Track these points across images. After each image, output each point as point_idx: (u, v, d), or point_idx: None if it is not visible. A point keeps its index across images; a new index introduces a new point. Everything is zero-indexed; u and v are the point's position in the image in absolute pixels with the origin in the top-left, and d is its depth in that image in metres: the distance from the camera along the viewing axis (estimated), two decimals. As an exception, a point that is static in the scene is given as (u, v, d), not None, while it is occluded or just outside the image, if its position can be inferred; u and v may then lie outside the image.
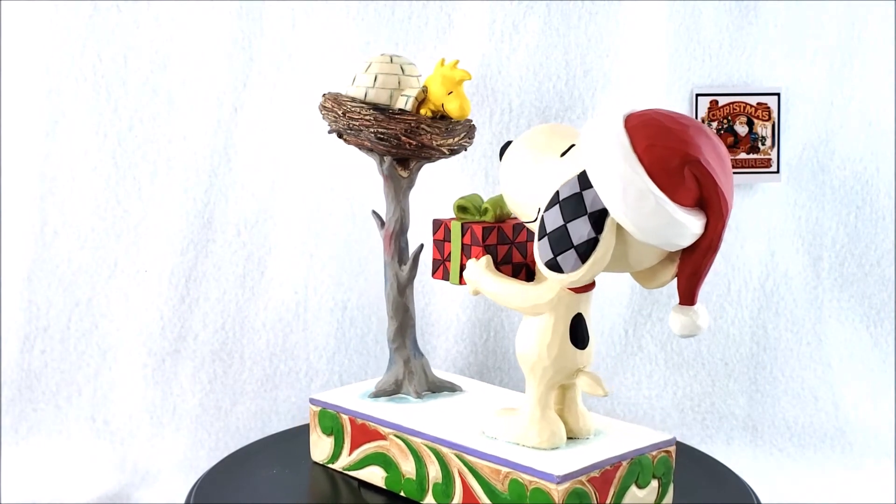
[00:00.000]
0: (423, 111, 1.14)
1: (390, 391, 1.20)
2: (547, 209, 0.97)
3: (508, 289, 1.04)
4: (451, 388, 1.21)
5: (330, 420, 1.19)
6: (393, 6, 1.53)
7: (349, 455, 1.17)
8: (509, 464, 1.02)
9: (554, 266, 0.97)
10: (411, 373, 1.20)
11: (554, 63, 1.54)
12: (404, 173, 1.17)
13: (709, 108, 1.57)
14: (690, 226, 0.95)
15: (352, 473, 1.17)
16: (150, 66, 1.51)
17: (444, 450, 1.07)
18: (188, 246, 1.52)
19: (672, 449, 1.08)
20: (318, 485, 1.19)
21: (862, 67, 1.58)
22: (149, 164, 1.52)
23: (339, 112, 1.15)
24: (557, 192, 0.97)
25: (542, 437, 1.04)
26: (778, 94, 1.57)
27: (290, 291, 1.54)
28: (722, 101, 1.57)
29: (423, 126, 1.13)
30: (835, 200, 1.61)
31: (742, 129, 1.58)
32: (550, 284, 1.02)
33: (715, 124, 1.57)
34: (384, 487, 1.14)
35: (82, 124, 1.51)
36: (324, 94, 1.19)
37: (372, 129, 1.13)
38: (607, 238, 0.96)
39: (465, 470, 1.06)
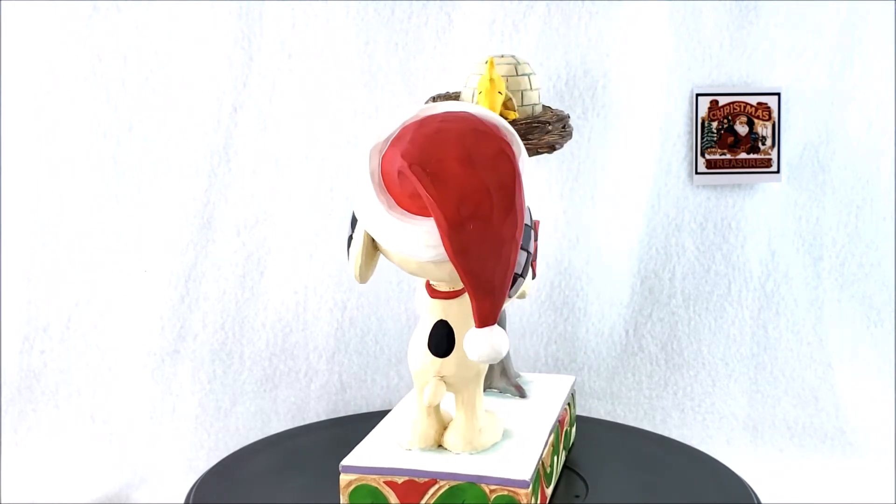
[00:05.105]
0: None
1: None
2: None
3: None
4: (516, 394, 1.21)
5: None
6: (393, 6, 1.53)
7: None
8: None
9: None
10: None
11: (554, 63, 1.54)
12: None
13: (709, 108, 1.57)
14: (407, 234, 0.93)
15: None
16: (150, 66, 1.51)
17: None
18: (188, 246, 1.52)
19: (524, 492, 0.99)
20: (318, 485, 1.19)
21: (862, 67, 1.58)
22: (149, 164, 1.52)
23: None
24: None
25: (405, 436, 1.04)
26: (778, 94, 1.57)
27: (290, 291, 1.54)
28: (722, 100, 1.57)
29: None
30: (835, 200, 1.61)
31: (742, 129, 1.58)
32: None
33: (715, 124, 1.57)
34: None
35: (82, 124, 1.51)
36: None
37: None
38: (357, 237, 0.97)
39: None
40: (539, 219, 1.18)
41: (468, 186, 0.92)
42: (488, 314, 0.93)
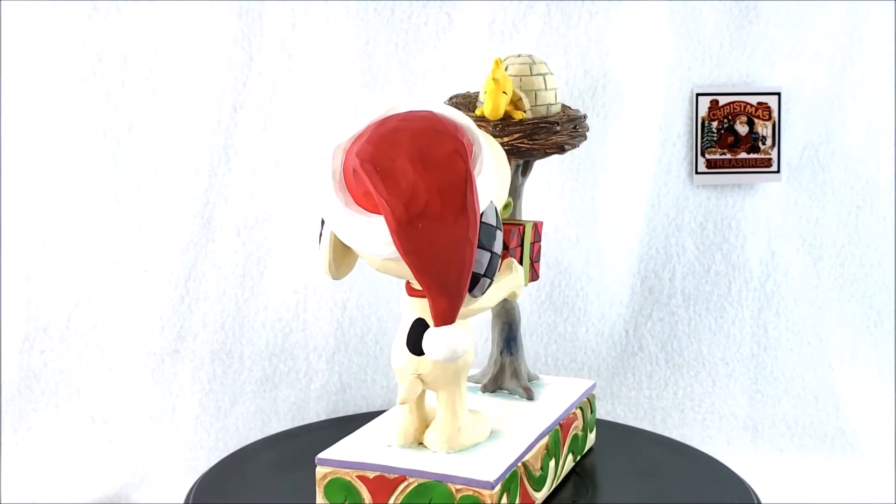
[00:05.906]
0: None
1: (475, 380, 1.25)
2: None
3: None
4: (523, 396, 1.22)
5: None
6: (393, 6, 1.53)
7: None
8: None
9: None
10: (495, 368, 1.23)
11: (554, 63, 1.54)
12: None
13: (709, 108, 1.57)
14: (364, 231, 0.94)
15: None
16: (150, 66, 1.51)
17: None
18: (188, 246, 1.52)
19: (488, 493, 0.98)
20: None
21: (862, 67, 1.58)
22: (149, 164, 1.52)
23: None
24: None
25: (390, 432, 1.05)
26: (778, 94, 1.57)
27: (289, 291, 1.54)
28: (722, 100, 1.57)
29: None
30: (835, 200, 1.61)
31: (742, 129, 1.58)
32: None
33: (715, 124, 1.57)
34: None
35: (82, 124, 1.51)
36: None
37: None
38: (325, 234, 0.99)
39: None
40: (542, 220, 1.19)
41: (418, 185, 0.92)
42: (445, 313, 0.93)
